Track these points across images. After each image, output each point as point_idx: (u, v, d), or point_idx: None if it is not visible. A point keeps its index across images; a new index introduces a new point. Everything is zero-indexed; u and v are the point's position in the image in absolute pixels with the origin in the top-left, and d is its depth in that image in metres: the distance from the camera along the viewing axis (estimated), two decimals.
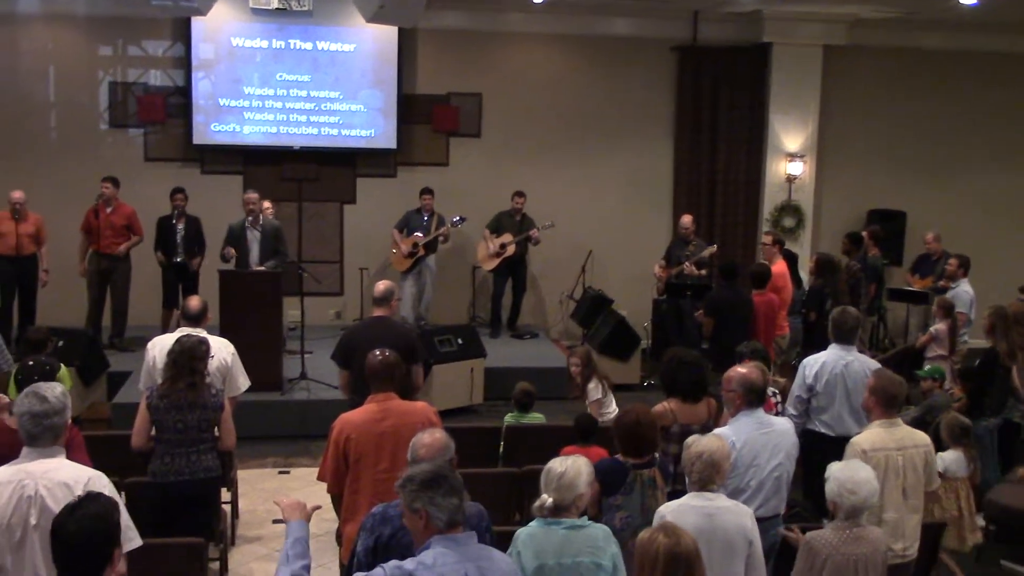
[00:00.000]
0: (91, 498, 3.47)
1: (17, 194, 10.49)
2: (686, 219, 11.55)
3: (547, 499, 4.18)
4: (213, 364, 6.49)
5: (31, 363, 5.38)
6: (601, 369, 7.72)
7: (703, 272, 11.03)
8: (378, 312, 6.85)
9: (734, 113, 13.10)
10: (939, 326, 9.25)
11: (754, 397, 5.34)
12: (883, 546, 4.58)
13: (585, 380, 7.38)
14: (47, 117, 12.19)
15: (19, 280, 10.70)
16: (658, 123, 13.16)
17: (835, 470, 4.56)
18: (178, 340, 5.95)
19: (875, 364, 6.55)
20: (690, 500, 4.46)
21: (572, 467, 4.21)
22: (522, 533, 4.21)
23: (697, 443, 4.52)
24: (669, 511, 4.41)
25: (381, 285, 6.94)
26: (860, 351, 6.86)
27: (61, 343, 8.62)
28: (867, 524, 4.53)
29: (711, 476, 4.45)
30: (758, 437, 5.18)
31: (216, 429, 5.92)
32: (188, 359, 5.77)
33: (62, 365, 6.81)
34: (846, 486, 4.46)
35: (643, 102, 13.12)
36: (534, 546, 4.14)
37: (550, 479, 4.20)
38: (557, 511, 4.18)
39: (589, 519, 4.32)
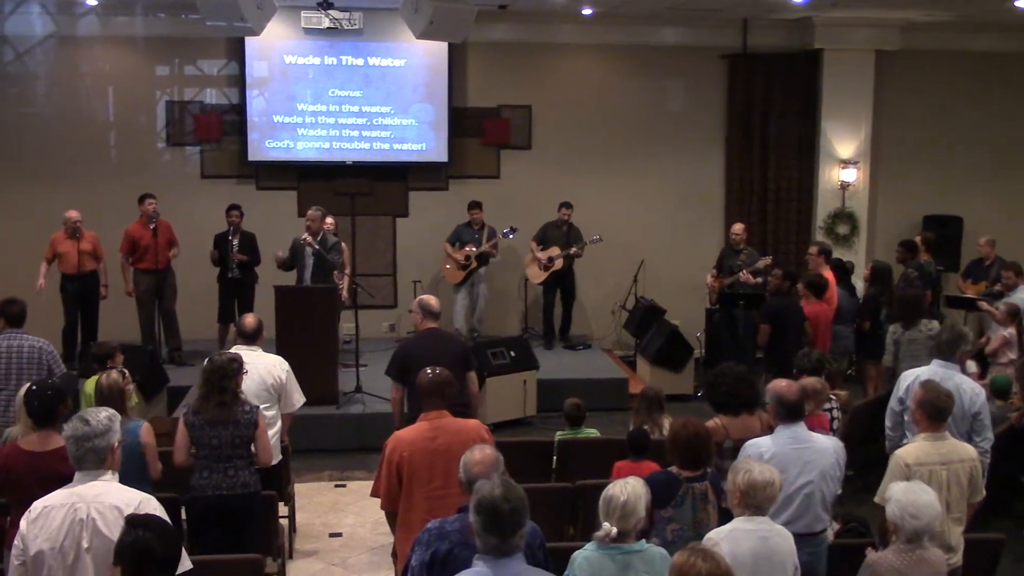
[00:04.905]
0: (153, 518, 3.56)
1: (73, 213, 10.70)
2: (737, 227, 11.49)
3: (612, 529, 4.12)
4: (268, 381, 6.60)
5: (33, 387, 5.28)
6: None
7: (759, 280, 10.95)
8: (430, 325, 7.01)
9: (786, 120, 13.00)
10: (1011, 330, 9.07)
11: (784, 411, 5.27)
12: (944, 567, 4.52)
13: None
14: (107, 137, 12.48)
15: (81, 297, 10.92)
16: (709, 131, 13.12)
17: (897, 493, 4.49)
18: (209, 358, 5.95)
19: (974, 387, 6.17)
20: (742, 524, 4.39)
21: (632, 493, 4.17)
22: (578, 556, 4.19)
23: (762, 471, 4.43)
24: (722, 537, 4.34)
25: (434, 300, 7.13)
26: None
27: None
28: (929, 545, 4.47)
29: (770, 502, 4.44)
30: (788, 452, 5.09)
31: (254, 446, 5.87)
32: (218, 377, 5.76)
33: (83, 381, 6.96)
34: (908, 510, 4.40)
35: (693, 110, 13.10)
36: (590, 570, 4.13)
37: (612, 508, 4.14)
38: (620, 537, 4.14)
39: (644, 533, 4.29)
